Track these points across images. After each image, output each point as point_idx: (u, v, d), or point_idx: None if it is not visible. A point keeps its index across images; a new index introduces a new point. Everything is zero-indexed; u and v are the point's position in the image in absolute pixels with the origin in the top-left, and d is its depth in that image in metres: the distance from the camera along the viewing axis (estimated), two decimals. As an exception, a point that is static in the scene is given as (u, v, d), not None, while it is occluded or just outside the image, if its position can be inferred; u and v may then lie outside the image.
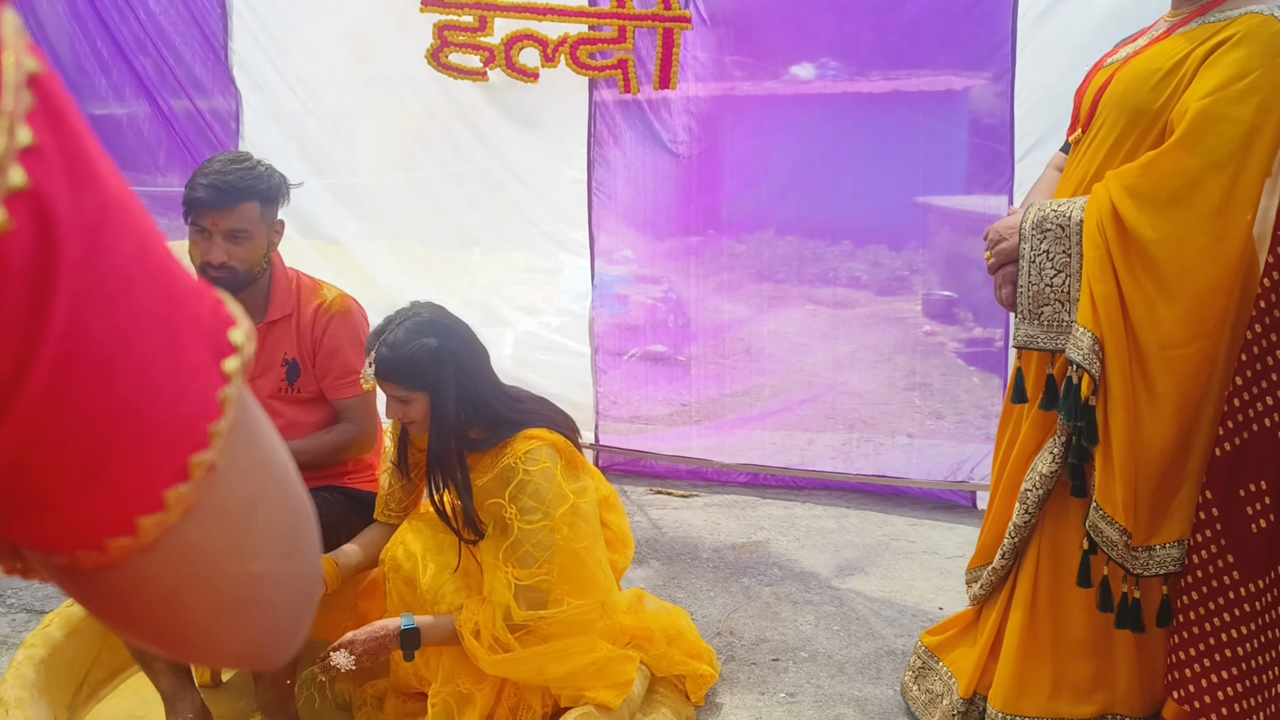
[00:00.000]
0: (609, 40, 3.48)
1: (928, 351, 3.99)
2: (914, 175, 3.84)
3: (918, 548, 3.36)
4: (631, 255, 4.13)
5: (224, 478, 0.38)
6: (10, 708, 2.01)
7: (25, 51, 0.31)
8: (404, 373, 2.01)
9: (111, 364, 0.33)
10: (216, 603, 0.41)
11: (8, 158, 0.30)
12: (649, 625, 2.38)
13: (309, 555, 0.45)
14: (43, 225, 0.31)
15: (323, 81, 4.02)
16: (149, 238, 0.36)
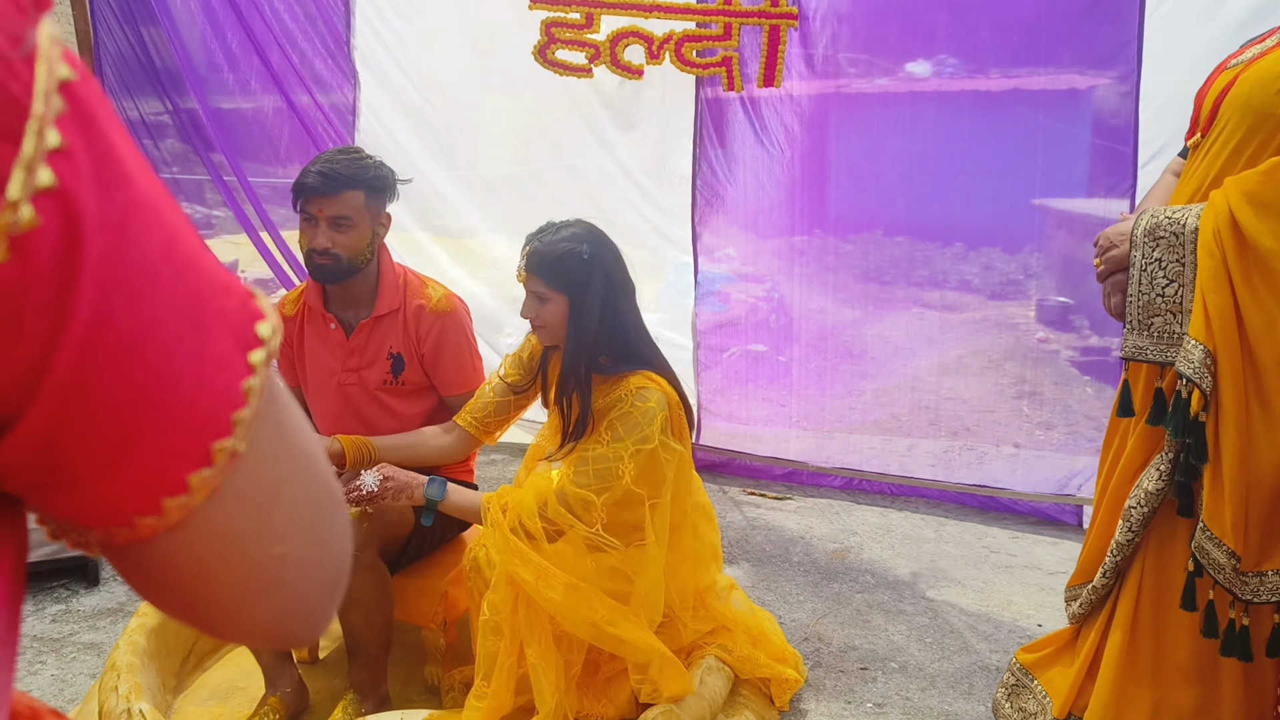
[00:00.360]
0: (715, 37, 3.47)
1: (1040, 359, 3.86)
2: (1032, 176, 3.72)
3: (1019, 561, 3.25)
4: (735, 253, 4.11)
5: (247, 464, 0.40)
6: (122, 672, 2.11)
7: (59, 60, 0.33)
8: (552, 269, 2.08)
9: (135, 352, 0.35)
10: (243, 582, 0.43)
11: (37, 159, 0.32)
12: (733, 618, 2.36)
13: (335, 542, 0.47)
14: (69, 222, 0.33)
15: (443, 74, 4.13)
16: (177, 234, 0.38)
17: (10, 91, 0.31)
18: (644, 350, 2.17)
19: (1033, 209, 3.84)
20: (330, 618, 0.49)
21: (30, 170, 0.31)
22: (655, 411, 2.06)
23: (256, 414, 0.40)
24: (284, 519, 0.43)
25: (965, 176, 3.81)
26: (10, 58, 0.31)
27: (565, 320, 2.11)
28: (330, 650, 2.63)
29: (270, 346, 0.41)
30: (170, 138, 4.28)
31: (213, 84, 4.23)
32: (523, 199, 4.27)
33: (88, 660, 2.59)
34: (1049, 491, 3.61)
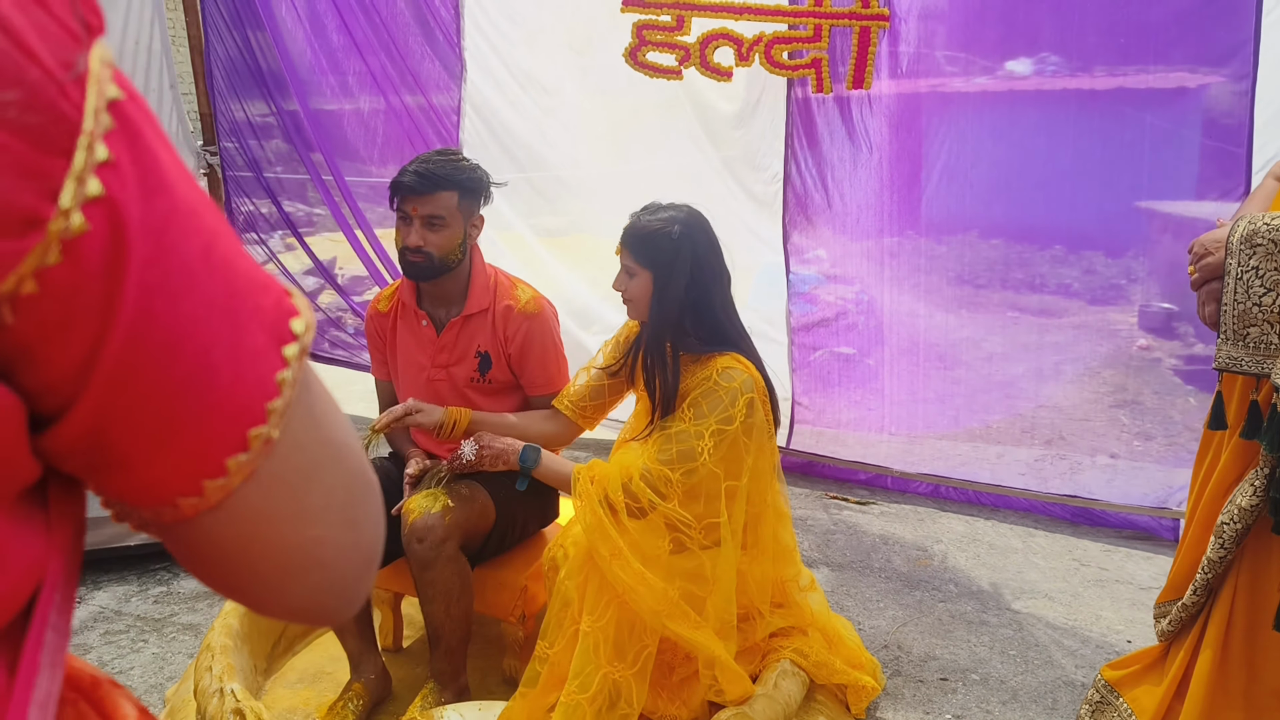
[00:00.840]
0: (805, 39, 3.45)
1: (1141, 367, 3.75)
2: (1137, 178, 3.60)
3: (1110, 576, 3.16)
4: (824, 255, 4.07)
5: (282, 450, 0.43)
6: (216, 653, 2.20)
7: (109, 81, 0.36)
8: (641, 245, 2.15)
9: (175, 346, 0.39)
10: (280, 561, 0.46)
11: (86, 171, 0.35)
12: (810, 617, 2.35)
13: (369, 525, 0.50)
14: (115, 228, 0.36)
15: (544, 74, 4.20)
16: (215, 237, 0.41)
17: (61, 111, 0.34)
18: (732, 334, 2.20)
19: (1137, 211, 3.72)
20: (364, 597, 0.52)
21: (80, 181, 0.35)
22: (739, 392, 2.08)
23: (290, 403, 0.43)
24: (318, 502, 0.46)
25: (1067, 177, 3.71)
26: (62, 81, 0.34)
27: (650, 297, 2.16)
28: (413, 640, 2.70)
29: (303, 341, 0.44)
30: (275, 138, 4.44)
31: (313, 86, 4.37)
32: (619, 197, 4.31)
33: (186, 640, 2.70)
34: (1147, 504, 3.50)
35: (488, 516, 2.35)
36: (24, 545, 0.39)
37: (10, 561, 0.38)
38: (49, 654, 0.40)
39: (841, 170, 3.82)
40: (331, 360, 4.76)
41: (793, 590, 2.35)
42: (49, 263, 0.34)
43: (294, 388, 0.43)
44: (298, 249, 4.63)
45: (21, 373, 0.36)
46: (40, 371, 0.37)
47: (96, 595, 2.91)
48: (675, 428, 2.09)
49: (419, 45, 4.22)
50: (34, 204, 0.34)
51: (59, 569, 0.41)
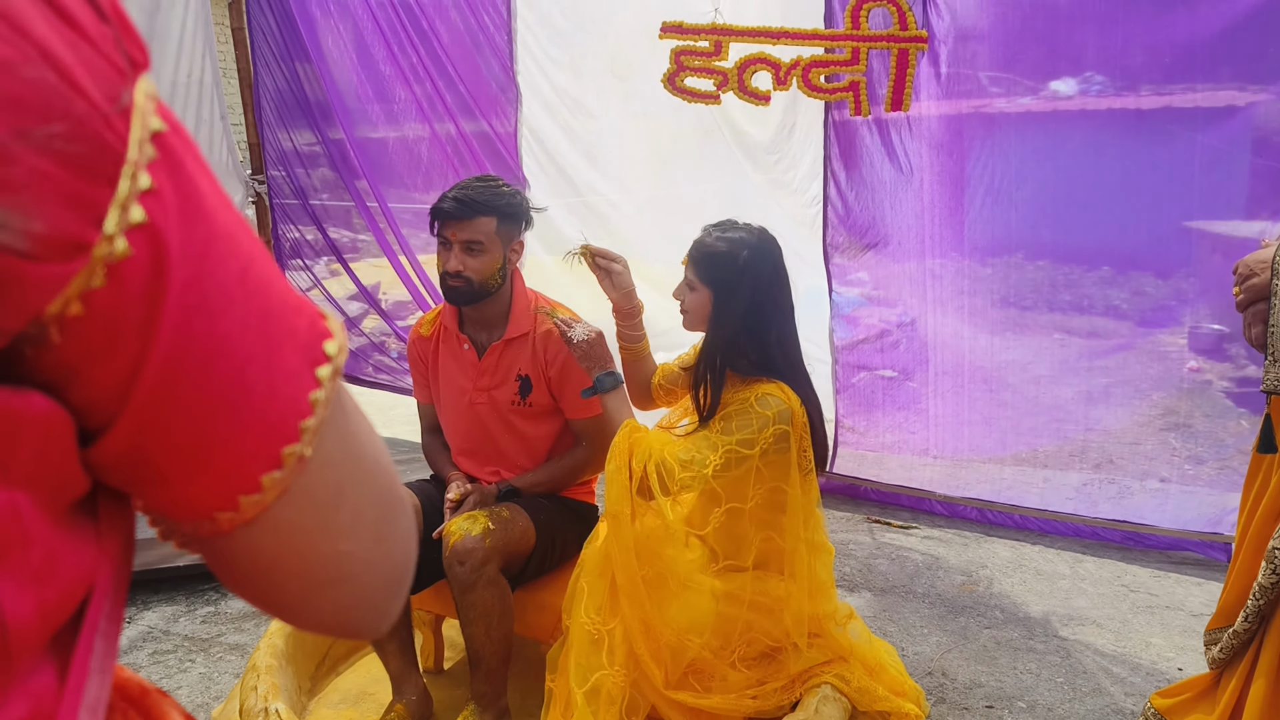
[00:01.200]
0: (842, 62, 3.45)
1: (1192, 389, 3.68)
2: (1186, 198, 3.56)
3: (1160, 602, 3.09)
4: (866, 277, 4.06)
5: (314, 467, 0.45)
6: (261, 673, 2.22)
7: (153, 113, 0.38)
8: (705, 262, 2.16)
9: (212, 366, 0.40)
10: (311, 575, 0.48)
11: (130, 198, 0.37)
12: (850, 647, 2.33)
13: (400, 542, 0.52)
14: (157, 253, 0.38)
15: (588, 99, 4.24)
16: (252, 262, 0.42)
17: (107, 142, 0.36)
18: (782, 365, 2.18)
19: (1187, 231, 3.67)
20: (395, 613, 0.53)
21: (124, 208, 0.36)
22: (771, 421, 2.08)
23: (322, 422, 0.45)
24: (348, 518, 0.48)
25: (1114, 197, 3.67)
26: (108, 113, 0.36)
27: (706, 313, 2.17)
28: (454, 661, 2.71)
29: (336, 362, 0.46)
30: (321, 166, 4.52)
31: (360, 114, 4.46)
32: (659, 222, 4.34)
33: (232, 660, 2.74)
34: (1197, 529, 3.43)
35: (528, 539, 2.36)
36: (75, 554, 0.40)
37: (62, 569, 0.39)
38: (98, 660, 0.41)
39: (882, 192, 3.80)
40: (375, 384, 4.82)
41: (829, 626, 2.33)
42: (94, 286, 0.36)
43: (326, 407, 0.45)
44: (342, 274, 4.71)
45: (69, 389, 0.38)
46: (85, 388, 0.38)
47: (145, 615, 2.96)
48: (701, 435, 2.11)
49: (473, 72, 4.29)
50: (79, 230, 0.35)
51: (108, 578, 0.42)
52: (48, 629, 0.39)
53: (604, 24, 4.15)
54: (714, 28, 3.50)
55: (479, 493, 2.38)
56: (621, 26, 4.06)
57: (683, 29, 3.52)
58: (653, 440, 2.13)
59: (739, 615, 2.16)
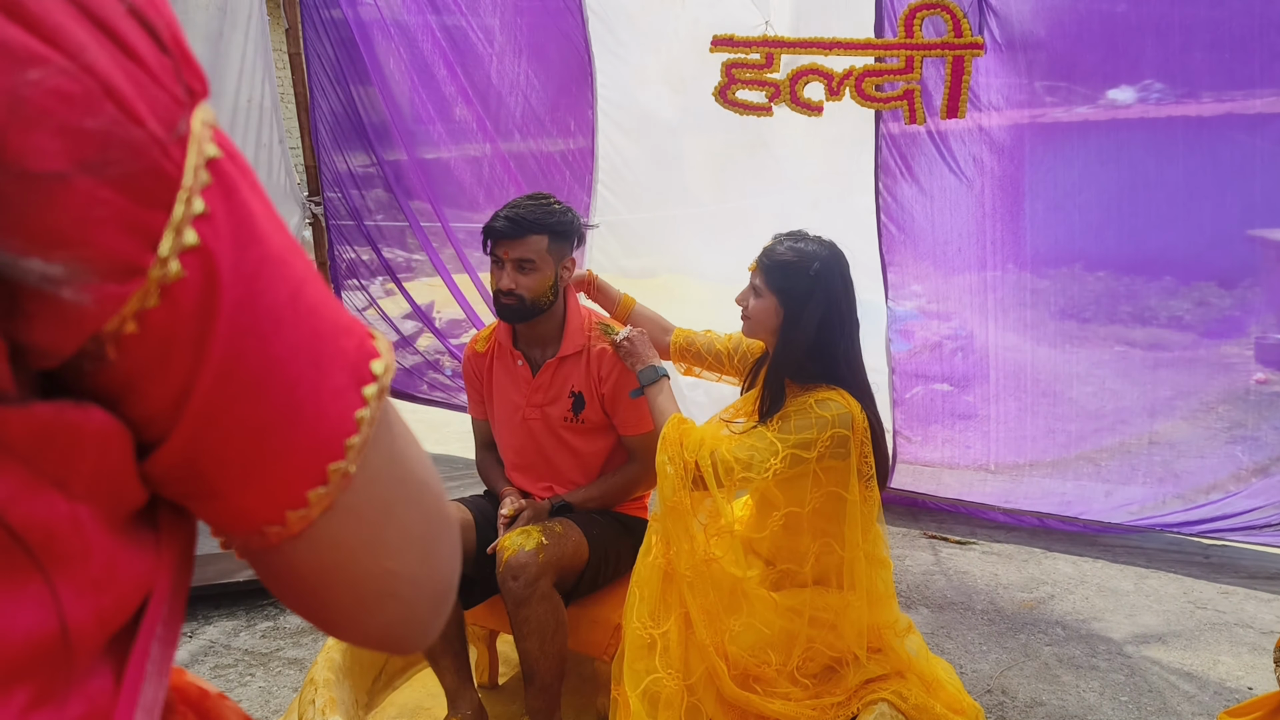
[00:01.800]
0: (896, 71, 3.42)
1: (1259, 401, 3.59)
2: (1249, 205, 3.49)
3: (1229, 619, 3.01)
4: (920, 290, 4.02)
5: (360, 485, 0.46)
6: (319, 687, 2.25)
7: (209, 140, 0.40)
8: (775, 271, 2.13)
9: (262, 385, 0.42)
10: (357, 590, 0.49)
11: (184, 222, 0.38)
12: (908, 662, 2.30)
13: (444, 562, 0.53)
14: (209, 275, 0.39)
15: (649, 112, 4.26)
16: (304, 284, 0.44)
17: (163, 169, 0.38)
18: (844, 372, 2.16)
19: (1251, 240, 3.59)
20: (438, 630, 0.54)
21: (178, 232, 0.38)
22: (830, 424, 2.06)
23: (368, 440, 0.46)
24: (394, 537, 0.49)
25: (1175, 206, 3.60)
26: (165, 141, 0.38)
27: (771, 322, 2.15)
28: (509, 677, 2.72)
29: (382, 382, 0.47)
30: (376, 187, 4.59)
31: (419, 136, 4.52)
32: (714, 236, 4.33)
33: (291, 674, 2.77)
34: (1265, 543, 3.33)
35: (581, 554, 2.36)
36: (134, 562, 0.42)
37: (120, 577, 0.40)
38: (154, 664, 0.42)
39: (937, 204, 3.77)
40: (430, 401, 4.87)
41: (889, 636, 2.30)
42: (148, 306, 0.38)
43: (372, 426, 0.46)
44: (397, 294, 4.77)
45: (125, 404, 0.40)
46: (141, 404, 0.40)
47: (206, 630, 3.01)
48: (760, 433, 2.09)
49: (546, 88, 4.32)
50: (135, 253, 0.37)
51: (166, 584, 0.44)
52: (105, 633, 0.40)
53: (659, 38, 4.17)
54: (765, 40, 3.50)
55: (532, 508, 2.39)
56: (673, 39, 4.08)
57: (734, 42, 3.53)
58: (705, 433, 2.12)
59: (800, 630, 2.15)
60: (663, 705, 2.04)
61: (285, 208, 4.42)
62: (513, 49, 4.29)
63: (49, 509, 0.36)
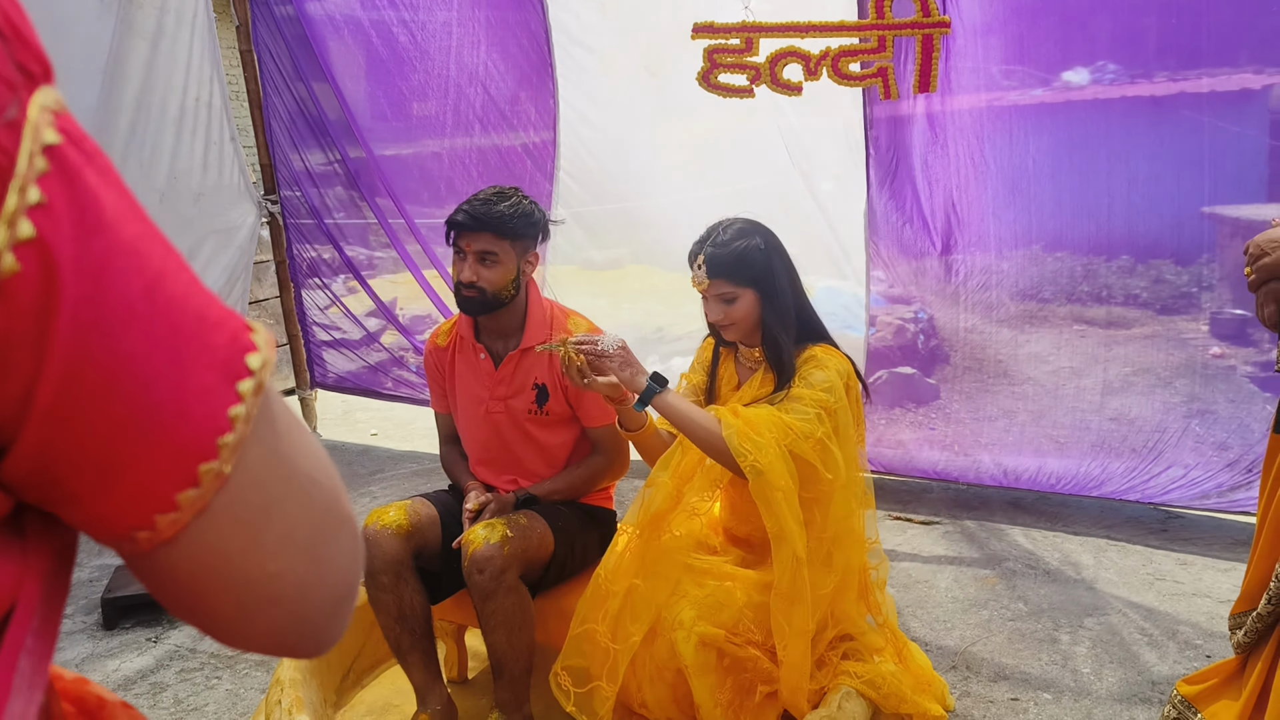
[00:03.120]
0: (870, 50, 3.49)
1: (1214, 375, 3.66)
2: (1203, 184, 3.54)
3: (1186, 589, 3.07)
4: (882, 276, 4.06)
5: (236, 485, 0.44)
6: (286, 687, 2.23)
7: (48, 126, 0.38)
8: (736, 267, 2.12)
9: (114, 385, 0.39)
10: (240, 595, 0.46)
11: (18, 213, 0.36)
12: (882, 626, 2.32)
13: (339, 562, 0.50)
14: (47, 269, 0.37)
15: (623, 100, 4.25)
16: (162, 277, 0.41)
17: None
18: (821, 328, 2.24)
19: (1205, 217, 3.65)
20: (339, 633, 0.52)
21: (11, 224, 0.36)
22: (846, 369, 2.15)
23: (243, 439, 0.43)
24: (277, 538, 0.46)
25: (1131, 186, 3.65)
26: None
27: (755, 314, 2.16)
28: (478, 671, 2.72)
29: (259, 377, 0.44)
30: (336, 185, 4.56)
31: (380, 132, 4.50)
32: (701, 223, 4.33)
33: (258, 676, 2.76)
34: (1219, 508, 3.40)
35: (546, 546, 2.37)
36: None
37: None
38: (23, 676, 0.40)
39: (899, 189, 3.81)
40: (395, 397, 4.86)
41: (872, 584, 2.32)
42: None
43: (248, 423, 0.43)
44: (360, 291, 4.75)
45: None
46: None
47: (171, 634, 2.99)
48: (793, 391, 2.11)
49: (507, 81, 4.30)
50: None
51: (34, 595, 0.42)
52: None
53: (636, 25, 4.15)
54: (744, 25, 3.55)
55: (497, 501, 2.39)
56: (653, 29, 4.06)
57: (714, 28, 3.57)
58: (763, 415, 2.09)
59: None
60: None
61: (240, 206, 4.38)
62: (470, 42, 4.27)
63: None
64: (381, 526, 2.29)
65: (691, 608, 2.10)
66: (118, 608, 3.05)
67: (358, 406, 5.39)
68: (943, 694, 2.43)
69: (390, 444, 4.84)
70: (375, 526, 2.29)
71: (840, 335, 4.00)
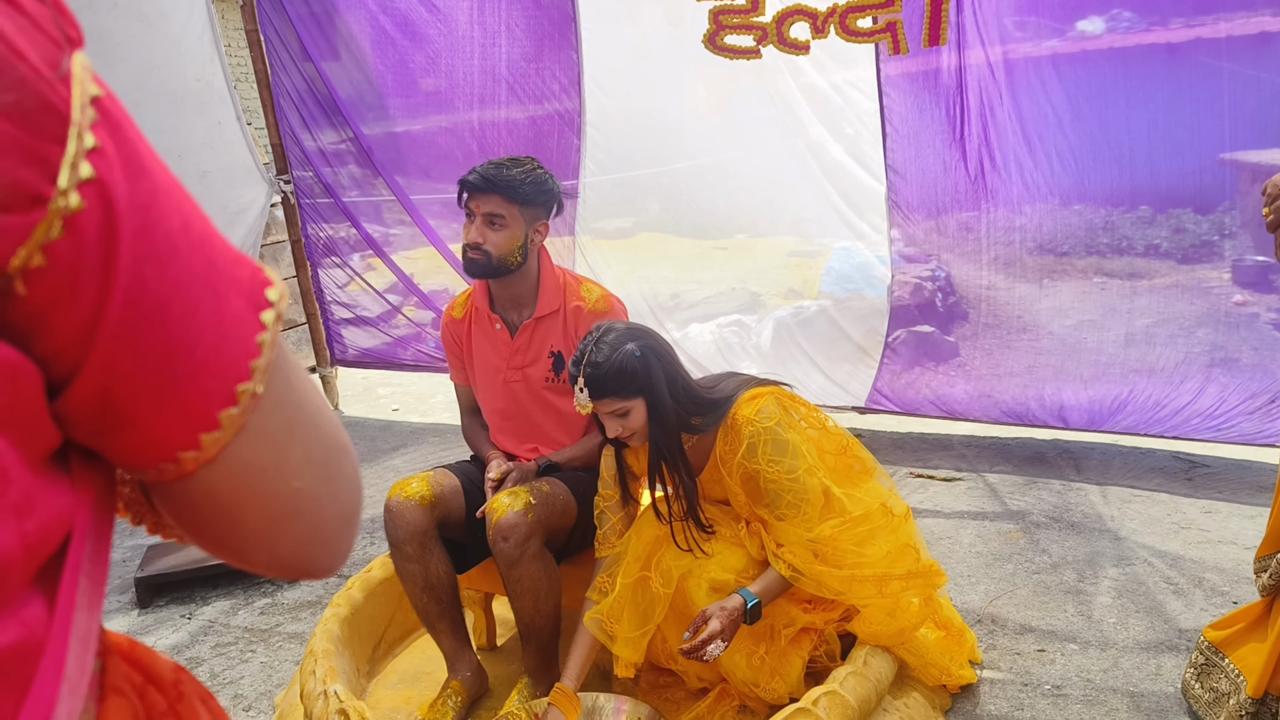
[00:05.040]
0: (878, 5, 3.44)
1: (1237, 323, 3.63)
2: (1221, 130, 3.50)
3: (1212, 536, 3.06)
4: (898, 235, 4.03)
5: (265, 407, 0.49)
6: (319, 658, 2.27)
7: (90, 80, 0.42)
8: (616, 384, 2.06)
9: (166, 309, 0.44)
10: (268, 511, 0.51)
11: (79, 156, 0.40)
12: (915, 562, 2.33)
13: (347, 481, 0.56)
14: (107, 206, 0.42)
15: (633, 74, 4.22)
16: (191, 216, 0.47)
17: (54, 105, 0.40)
18: (717, 395, 2.20)
19: (1225, 164, 3.60)
20: (348, 551, 0.57)
21: (74, 166, 0.40)
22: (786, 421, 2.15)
23: (270, 363, 0.48)
24: (299, 457, 0.52)
25: (1148, 135, 3.62)
26: (52, 79, 0.40)
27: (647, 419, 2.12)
28: (506, 638, 2.75)
29: (278, 308, 0.50)
30: (350, 164, 4.56)
31: (390, 109, 4.49)
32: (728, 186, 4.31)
33: (292, 648, 2.80)
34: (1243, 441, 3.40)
35: (570, 513, 2.39)
36: (52, 496, 0.44)
37: (39, 506, 0.42)
38: (84, 595, 0.45)
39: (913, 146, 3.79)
40: (417, 368, 4.90)
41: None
42: (52, 237, 0.40)
43: (273, 349, 0.49)
44: (379, 268, 4.76)
45: (34, 340, 0.42)
46: (51, 338, 0.42)
47: (205, 610, 3.03)
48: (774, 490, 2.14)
49: (531, 51, 4.26)
50: (37, 184, 0.39)
51: (86, 521, 0.46)
52: (32, 562, 0.42)
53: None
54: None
55: (519, 470, 2.41)
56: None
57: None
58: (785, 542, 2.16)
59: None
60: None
61: (251, 186, 4.38)
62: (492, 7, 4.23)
63: None
64: (405, 498, 2.31)
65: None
66: (151, 586, 3.10)
67: (378, 383, 5.43)
68: (973, 648, 2.45)
69: (412, 418, 4.87)
70: (399, 498, 2.31)
71: (858, 296, 4.06)
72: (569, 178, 4.28)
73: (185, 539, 0.54)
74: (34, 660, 0.41)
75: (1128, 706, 2.27)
